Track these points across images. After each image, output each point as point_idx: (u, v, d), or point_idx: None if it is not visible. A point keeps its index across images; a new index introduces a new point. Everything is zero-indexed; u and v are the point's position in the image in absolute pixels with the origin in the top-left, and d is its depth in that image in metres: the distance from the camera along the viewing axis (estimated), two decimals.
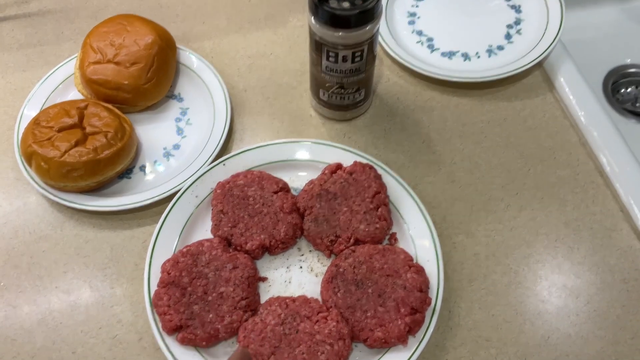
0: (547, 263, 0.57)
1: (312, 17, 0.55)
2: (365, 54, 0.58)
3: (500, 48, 0.71)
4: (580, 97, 0.67)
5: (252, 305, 0.52)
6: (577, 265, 0.57)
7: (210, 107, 0.67)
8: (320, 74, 0.61)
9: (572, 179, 0.62)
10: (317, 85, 0.63)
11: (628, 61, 0.91)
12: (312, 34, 0.57)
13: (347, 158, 0.61)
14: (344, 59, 0.58)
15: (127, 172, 0.63)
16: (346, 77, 0.60)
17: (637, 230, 0.58)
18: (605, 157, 0.62)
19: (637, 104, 0.88)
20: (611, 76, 0.90)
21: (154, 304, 0.52)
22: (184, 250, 0.54)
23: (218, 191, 0.58)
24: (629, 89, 0.90)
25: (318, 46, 0.57)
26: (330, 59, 0.58)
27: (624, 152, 0.62)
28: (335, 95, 0.63)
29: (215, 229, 0.57)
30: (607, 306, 0.54)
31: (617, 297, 0.55)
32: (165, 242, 0.56)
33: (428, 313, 0.52)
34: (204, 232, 0.58)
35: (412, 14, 0.75)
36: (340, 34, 0.54)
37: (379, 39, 0.71)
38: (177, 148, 0.64)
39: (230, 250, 0.56)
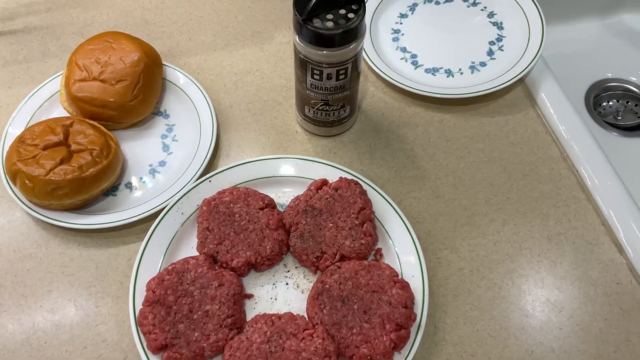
0: (530, 277, 0.58)
1: (297, 36, 0.56)
2: (349, 72, 0.58)
3: (483, 64, 0.72)
4: (561, 112, 0.68)
5: (237, 323, 0.52)
6: (560, 279, 0.57)
7: (196, 124, 0.67)
8: (305, 90, 0.62)
9: (554, 194, 0.63)
10: (302, 101, 0.64)
11: (609, 75, 0.93)
12: (297, 52, 0.58)
13: (332, 174, 0.61)
14: (329, 77, 0.58)
15: (112, 190, 0.63)
16: (331, 94, 0.61)
17: (618, 244, 0.59)
18: (586, 171, 0.63)
19: (619, 117, 0.90)
20: (593, 90, 0.92)
21: (139, 323, 0.52)
22: (170, 268, 0.54)
23: (204, 208, 0.58)
24: (610, 103, 0.92)
25: (303, 64, 0.58)
26: (315, 76, 0.59)
27: (604, 166, 0.63)
28: (320, 111, 0.63)
29: (201, 246, 0.57)
30: (589, 320, 0.55)
31: (599, 310, 0.55)
32: (150, 260, 0.56)
33: (413, 329, 0.52)
34: (190, 249, 0.58)
35: (396, 31, 0.76)
36: (324, 52, 0.55)
37: (364, 55, 0.72)
38: (163, 165, 0.64)
39: (216, 267, 0.56)
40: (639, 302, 0.56)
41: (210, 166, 0.64)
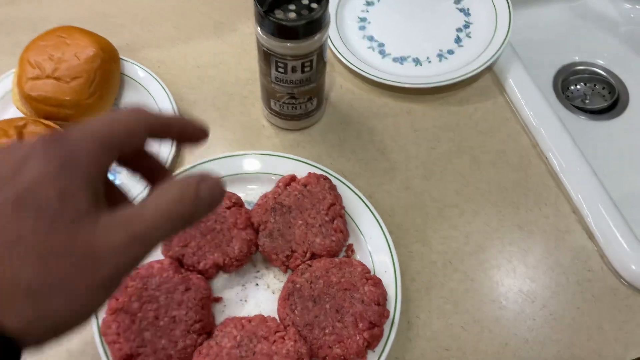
0: (502, 268, 0.57)
1: (259, 28, 0.54)
2: (315, 64, 0.57)
3: (451, 52, 0.71)
4: (529, 98, 0.67)
5: (206, 328, 0.51)
6: (532, 269, 0.57)
7: None
8: (270, 84, 0.60)
9: (524, 182, 0.63)
10: (267, 95, 0.62)
11: (576, 59, 0.93)
12: (259, 44, 0.56)
13: (301, 169, 0.60)
14: (294, 70, 0.56)
15: None
16: (297, 87, 0.59)
17: (589, 231, 0.59)
18: (555, 158, 0.63)
19: (586, 101, 0.90)
20: (560, 74, 0.92)
21: (103, 333, 0.50)
22: (133, 273, 0.52)
23: None
24: (577, 86, 0.92)
25: (266, 57, 0.56)
26: (280, 69, 0.57)
27: (573, 152, 0.63)
28: (286, 105, 0.61)
29: (165, 249, 0.55)
30: (562, 309, 0.55)
31: (571, 299, 0.55)
32: None
33: (387, 326, 0.51)
34: (156, 253, 0.56)
35: (363, 19, 0.74)
36: (288, 44, 0.53)
37: (330, 45, 0.70)
38: None
39: (183, 271, 0.54)
40: (610, 288, 0.56)
41: (174, 165, 0.62)
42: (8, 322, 0.23)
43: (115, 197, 0.34)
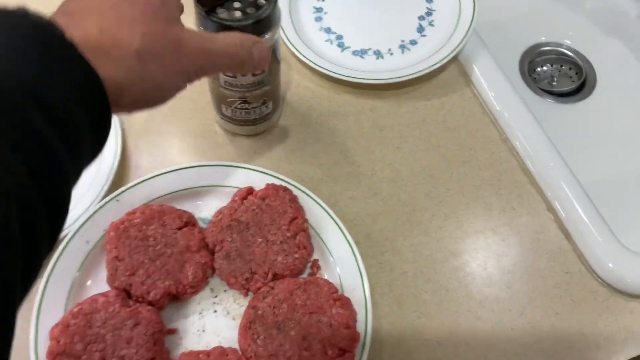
0: (477, 275, 0.54)
1: (201, 30, 0.48)
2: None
3: (413, 42, 0.66)
4: (497, 90, 0.64)
5: None
6: (508, 274, 0.54)
7: None
8: (219, 88, 0.54)
9: (496, 180, 0.59)
10: (218, 100, 0.57)
11: (543, 39, 0.90)
12: None
13: (258, 180, 0.55)
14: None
15: None
16: (249, 91, 0.54)
17: (565, 230, 0.56)
18: (526, 153, 0.60)
19: (554, 83, 0.88)
20: (527, 56, 0.89)
21: None
22: (75, 310, 0.47)
23: (111, 233, 0.51)
24: (544, 68, 0.89)
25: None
26: (228, 73, 0.51)
27: (546, 146, 0.60)
28: (239, 110, 0.56)
29: (111, 279, 0.49)
30: (540, 316, 0.52)
31: (550, 304, 0.53)
32: (52, 301, 0.48)
33: (358, 349, 0.47)
34: (101, 283, 0.51)
35: (319, 9, 0.69)
36: None
37: (284, 38, 0.64)
38: None
39: (131, 303, 0.49)
40: (589, 291, 0.53)
41: (119, 182, 0.56)
42: (118, 74, 0.30)
43: None
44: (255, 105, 0.56)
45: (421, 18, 0.68)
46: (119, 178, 0.57)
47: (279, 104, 0.60)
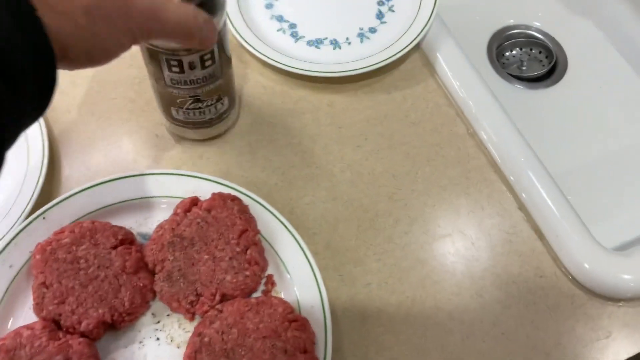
0: (445, 284, 0.50)
1: None
2: (216, 55, 0.46)
3: (373, 30, 0.61)
4: (462, 79, 0.59)
5: None
6: (479, 281, 0.50)
7: (21, 139, 0.52)
8: (166, 89, 0.48)
9: (464, 179, 0.55)
10: (165, 102, 0.51)
11: (511, 22, 0.86)
12: (149, 46, 0.45)
13: (204, 189, 0.50)
14: (192, 66, 0.46)
15: None
16: (200, 87, 0.48)
17: (538, 229, 0.52)
18: (496, 149, 0.56)
19: (523, 68, 0.84)
20: (495, 40, 0.85)
21: None
22: None
23: (37, 256, 0.45)
24: (513, 52, 0.85)
25: (153, 56, 0.45)
26: (174, 69, 0.46)
27: (515, 140, 0.56)
28: (192, 111, 0.51)
29: (37, 308, 0.44)
30: (515, 325, 0.48)
31: (524, 312, 0.49)
32: None
33: None
34: (27, 312, 0.45)
35: None
36: None
37: (231, 29, 0.59)
38: None
39: (61, 335, 0.43)
40: (566, 295, 0.50)
41: (47, 197, 0.50)
42: (65, 27, 0.30)
43: None
44: (209, 103, 0.51)
45: (380, 3, 0.63)
46: (46, 192, 0.51)
47: (235, 100, 0.54)
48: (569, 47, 0.82)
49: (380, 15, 0.62)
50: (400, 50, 0.58)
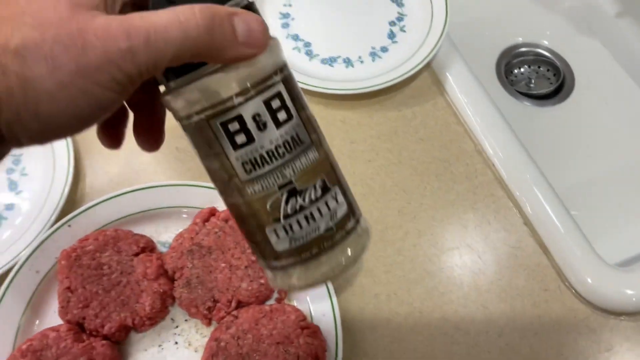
0: (452, 295, 0.52)
1: (171, 84, 0.29)
2: (287, 98, 0.29)
3: (385, 50, 0.64)
4: (472, 98, 0.61)
5: None
6: (485, 293, 0.52)
7: (48, 150, 0.55)
8: (245, 191, 0.30)
9: (471, 194, 0.57)
10: (254, 225, 0.31)
11: (520, 40, 0.88)
12: (182, 117, 0.29)
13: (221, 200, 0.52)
14: (260, 122, 0.28)
15: None
16: (288, 161, 0.29)
17: (543, 245, 0.54)
18: (503, 165, 0.58)
19: (531, 85, 0.86)
20: (504, 57, 0.87)
21: None
22: (24, 347, 0.44)
23: (63, 262, 0.47)
24: (521, 70, 0.87)
25: (202, 130, 0.29)
26: (238, 137, 0.28)
27: (521, 157, 0.58)
28: (294, 218, 0.30)
29: (62, 312, 0.46)
30: (519, 337, 0.50)
31: (528, 324, 0.50)
32: (0, 337, 0.45)
33: None
34: (53, 315, 0.47)
35: (286, 15, 0.66)
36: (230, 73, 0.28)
37: None
38: (11, 209, 0.52)
39: (85, 337, 0.45)
40: (569, 309, 0.51)
41: (71, 205, 0.53)
42: None
43: None
44: (313, 197, 0.30)
45: (392, 23, 0.65)
46: (71, 201, 0.53)
47: (347, 188, 0.33)
48: (576, 65, 0.84)
49: (391, 35, 0.65)
50: (411, 69, 0.60)
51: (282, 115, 0.29)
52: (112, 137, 0.33)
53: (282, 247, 0.31)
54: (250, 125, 0.28)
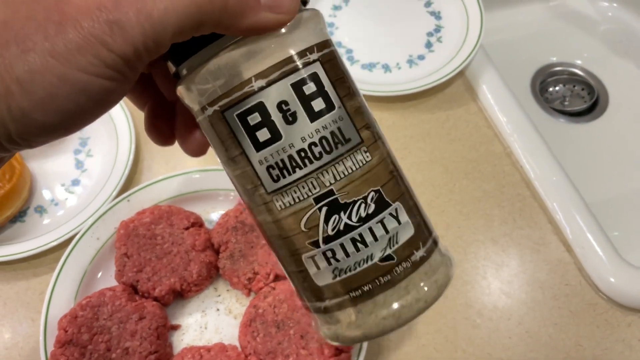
0: (476, 284, 0.55)
1: (181, 69, 0.24)
2: (325, 80, 0.24)
3: (421, 57, 0.68)
4: (502, 104, 0.65)
5: (162, 359, 0.48)
6: (507, 284, 0.55)
7: (112, 134, 0.61)
8: (273, 208, 0.24)
9: (498, 192, 0.60)
10: (287, 251, 0.25)
11: (554, 60, 0.91)
12: (195, 112, 0.25)
13: None
14: (288, 113, 0.23)
15: (20, 215, 0.57)
16: (325, 165, 0.23)
17: (566, 242, 0.57)
18: (530, 167, 0.61)
19: (565, 103, 0.88)
20: (538, 76, 0.90)
21: None
22: (83, 302, 0.49)
23: (121, 231, 0.53)
24: (556, 88, 0.90)
25: (217, 124, 0.24)
26: (259, 133, 0.23)
27: (549, 161, 0.61)
28: (337, 244, 0.24)
29: (119, 275, 0.51)
30: (538, 326, 0.52)
31: (548, 315, 0.53)
32: (63, 293, 0.51)
33: (354, 351, 0.48)
34: (109, 278, 0.53)
35: (330, 25, 0.72)
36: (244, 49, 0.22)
37: None
38: (77, 184, 0.59)
39: (137, 298, 0.50)
40: (588, 303, 0.54)
41: (129, 183, 0.59)
42: None
43: None
44: (363, 215, 0.24)
45: (429, 34, 0.70)
46: (131, 179, 0.59)
47: (416, 205, 0.28)
48: (610, 84, 0.86)
49: (428, 45, 0.69)
50: (445, 76, 0.64)
51: (318, 104, 0.23)
52: (162, 133, 0.29)
53: (323, 282, 0.24)
54: (275, 116, 0.22)
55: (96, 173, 0.59)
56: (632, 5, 0.90)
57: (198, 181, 0.57)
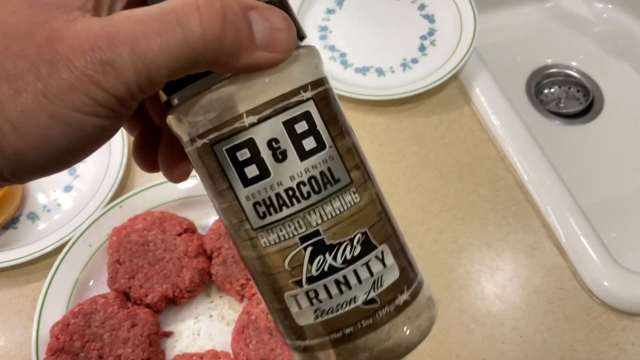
0: (470, 289, 0.54)
1: (172, 99, 0.24)
2: (317, 120, 0.24)
3: (415, 61, 0.68)
4: (496, 108, 0.65)
5: None
6: (501, 288, 0.54)
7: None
8: (258, 244, 0.23)
9: (492, 196, 0.60)
10: (271, 287, 0.24)
11: (549, 61, 0.91)
12: (184, 142, 0.24)
13: None
14: (277, 152, 0.23)
15: (12, 222, 0.56)
16: (313, 205, 0.23)
17: (560, 246, 0.57)
18: (524, 170, 0.61)
19: (561, 105, 0.88)
20: (534, 78, 0.90)
21: None
22: (75, 310, 0.49)
23: (113, 238, 0.53)
24: (552, 90, 0.90)
25: (205, 155, 0.23)
26: (248, 169, 0.23)
27: (542, 164, 0.61)
28: (320, 284, 0.23)
29: (111, 281, 0.51)
30: (533, 331, 0.52)
31: (542, 319, 0.53)
32: (55, 300, 0.50)
33: None
34: (102, 285, 0.53)
35: (324, 28, 0.72)
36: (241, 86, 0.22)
37: None
38: (69, 190, 0.58)
39: (129, 305, 0.50)
40: (583, 307, 0.53)
41: (122, 189, 0.59)
42: None
43: None
44: (348, 257, 0.24)
45: (423, 38, 0.70)
46: (123, 185, 0.59)
47: (402, 247, 0.27)
48: (605, 86, 0.86)
49: (422, 48, 0.69)
50: (439, 79, 0.64)
51: (309, 143, 0.23)
52: (149, 159, 0.28)
53: (305, 321, 0.24)
54: (265, 153, 0.22)
55: (89, 179, 0.59)
56: (627, 6, 0.90)
57: (191, 187, 0.57)
